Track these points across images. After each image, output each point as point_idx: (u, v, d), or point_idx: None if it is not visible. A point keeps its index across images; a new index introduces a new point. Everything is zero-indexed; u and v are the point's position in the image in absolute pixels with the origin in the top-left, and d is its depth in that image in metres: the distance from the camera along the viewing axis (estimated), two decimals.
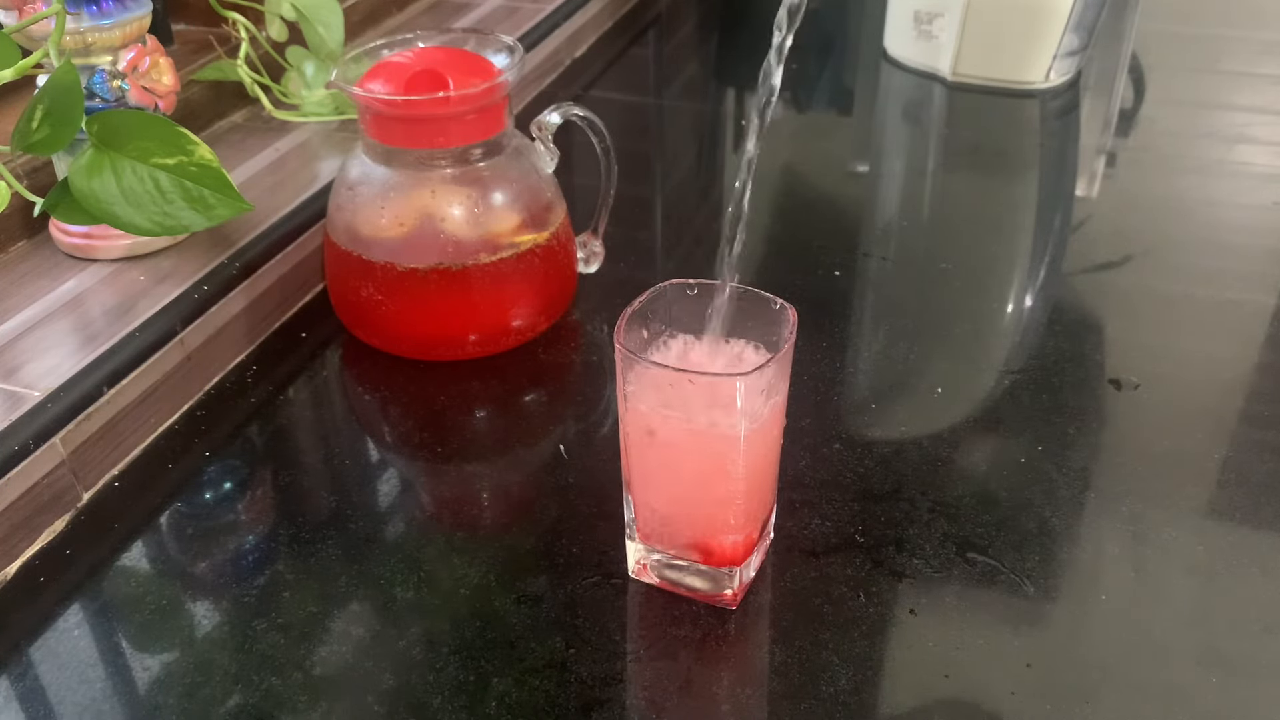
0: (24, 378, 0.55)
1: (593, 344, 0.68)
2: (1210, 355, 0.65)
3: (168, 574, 0.52)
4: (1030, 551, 0.51)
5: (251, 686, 0.46)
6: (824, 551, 0.52)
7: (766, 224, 0.83)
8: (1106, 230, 0.79)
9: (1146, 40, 1.11)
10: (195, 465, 0.58)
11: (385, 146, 0.61)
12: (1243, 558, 0.51)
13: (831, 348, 0.66)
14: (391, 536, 0.54)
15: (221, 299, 0.63)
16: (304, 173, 0.74)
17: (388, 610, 0.49)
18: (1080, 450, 0.57)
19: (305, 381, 0.65)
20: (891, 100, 1.02)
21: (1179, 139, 0.92)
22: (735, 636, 0.48)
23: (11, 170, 0.62)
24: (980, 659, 0.46)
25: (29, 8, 0.58)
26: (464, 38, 0.65)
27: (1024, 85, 0.98)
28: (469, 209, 0.62)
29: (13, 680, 0.46)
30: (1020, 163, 0.91)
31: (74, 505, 0.55)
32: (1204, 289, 0.72)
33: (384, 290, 0.62)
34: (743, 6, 1.23)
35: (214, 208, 0.58)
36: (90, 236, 0.64)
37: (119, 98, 0.62)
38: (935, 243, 0.78)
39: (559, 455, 0.59)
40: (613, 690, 0.45)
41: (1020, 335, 0.68)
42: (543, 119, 0.64)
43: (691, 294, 0.48)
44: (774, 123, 1.01)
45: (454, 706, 0.45)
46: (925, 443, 0.58)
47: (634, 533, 0.50)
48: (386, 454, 0.60)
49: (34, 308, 0.61)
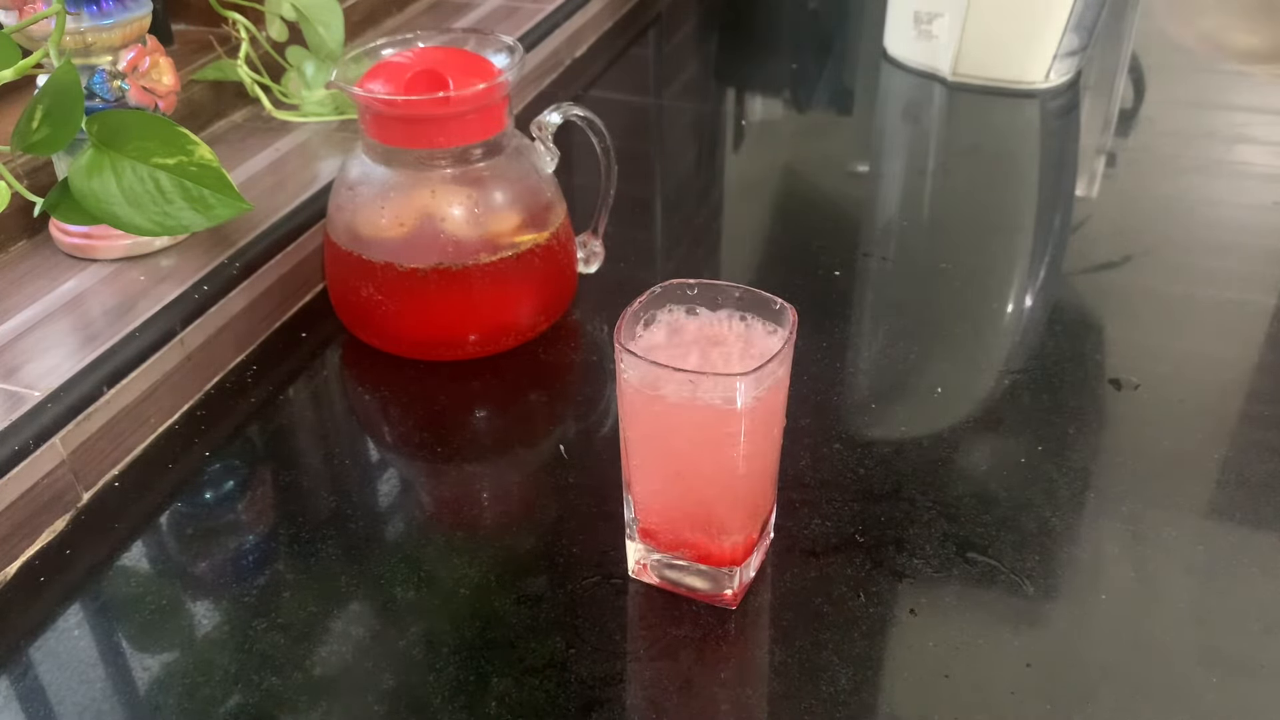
0: (24, 378, 0.55)
1: (593, 344, 0.68)
2: (1210, 355, 0.65)
3: (168, 574, 0.52)
4: (1030, 551, 0.51)
5: (251, 686, 0.46)
6: (824, 551, 0.52)
7: (766, 224, 0.83)
8: (1106, 230, 0.79)
9: (1146, 40, 1.11)
10: (195, 465, 0.58)
11: (385, 146, 0.61)
12: (1243, 558, 0.51)
13: (831, 348, 0.66)
14: (391, 536, 0.54)
15: (221, 299, 0.63)
16: (304, 173, 0.74)
17: (388, 610, 0.49)
18: (1080, 450, 0.57)
19: (305, 381, 0.65)
20: (891, 100, 1.02)
21: (1179, 139, 0.92)
22: (735, 636, 0.48)
23: (11, 170, 0.62)
24: (980, 659, 0.46)
25: (29, 8, 0.58)
26: (464, 38, 0.65)
27: (1024, 85, 0.98)
28: (469, 209, 0.62)
29: (13, 680, 0.46)
30: (1020, 163, 0.91)
31: (74, 505, 0.55)
32: (1204, 289, 0.72)
33: (384, 290, 0.62)
34: (743, 6, 1.23)
35: (214, 208, 0.58)
36: (90, 236, 0.64)
37: (119, 98, 0.62)
38: (935, 243, 0.78)
39: (559, 455, 0.59)
40: (613, 690, 0.45)
41: (1020, 335, 0.68)
42: (543, 119, 0.64)
43: (691, 294, 0.48)
44: (774, 123, 1.01)
45: (454, 706, 0.45)
46: (925, 443, 0.58)
47: (634, 533, 0.50)
48: (386, 454, 0.60)
49: (34, 308, 0.61)
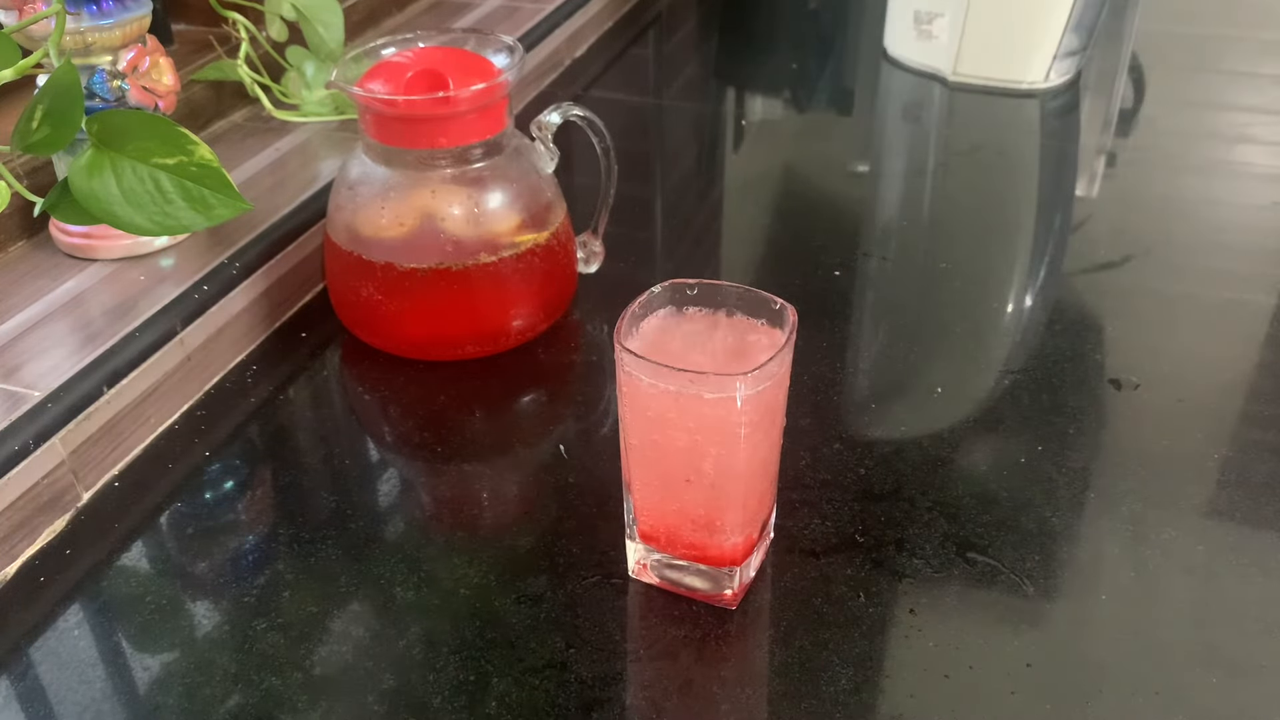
0: (24, 378, 0.55)
1: (593, 344, 0.68)
2: (1210, 355, 0.65)
3: (168, 574, 0.52)
4: (1030, 551, 0.51)
5: (251, 686, 0.46)
6: (824, 551, 0.52)
7: (766, 224, 0.83)
8: (1106, 230, 0.79)
9: (1146, 40, 1.11)
10: (195, 465, 0.58)
11: (385, 146, 0.61)
12: (1243, 558, 0.51)
13: (831, 348, 0.66)
14: (391, 536, 0.54)
15: (221, 299, 0.63)
16: (304, 173, 0.74)
17: (388, 610, 0.49)
18: (1080, 450, 0.57)
19: (305, 381, 0.65)
20: (891, 100, 1.02)
21: (1179, 139, 0.92)
22: (735, 636, 0.48)
23: (11, 170, 0.62)
24: (980, 659, 0.46)
25: (29, 8, 0.58)
26: (464, 38, 0.65)
27: (1024, 85, 0.98)
28: (469, 209, 0.62)
29: (13, 680, 0.46)
30: (1020, 163, 0.91)
31: (74, 505, 0.55)
32: (1204, 289, 0.72)
33: (384, 290, 0.62)
34: (743, 6, 1.23)
35: (214, 208, 0.58)
36: (90, 236, 0.64)
37: (119, 98, 0.62)
38: (935, 243, 0.78)
39: (559, 455, 0.59)
40: (613, 690, 0.45)
41: (1020, 335, 0.68)
42: (543, 119, 0.64)
43: (691, 294, 0.48)
44: (774, 123, 1.01)
45: (454, 706, 0.45)
46: (925, 443, 0.58)
47: (634, 533, 0.50)
48: (386, 454, 0.60)
49: (34, 308, 0.61)
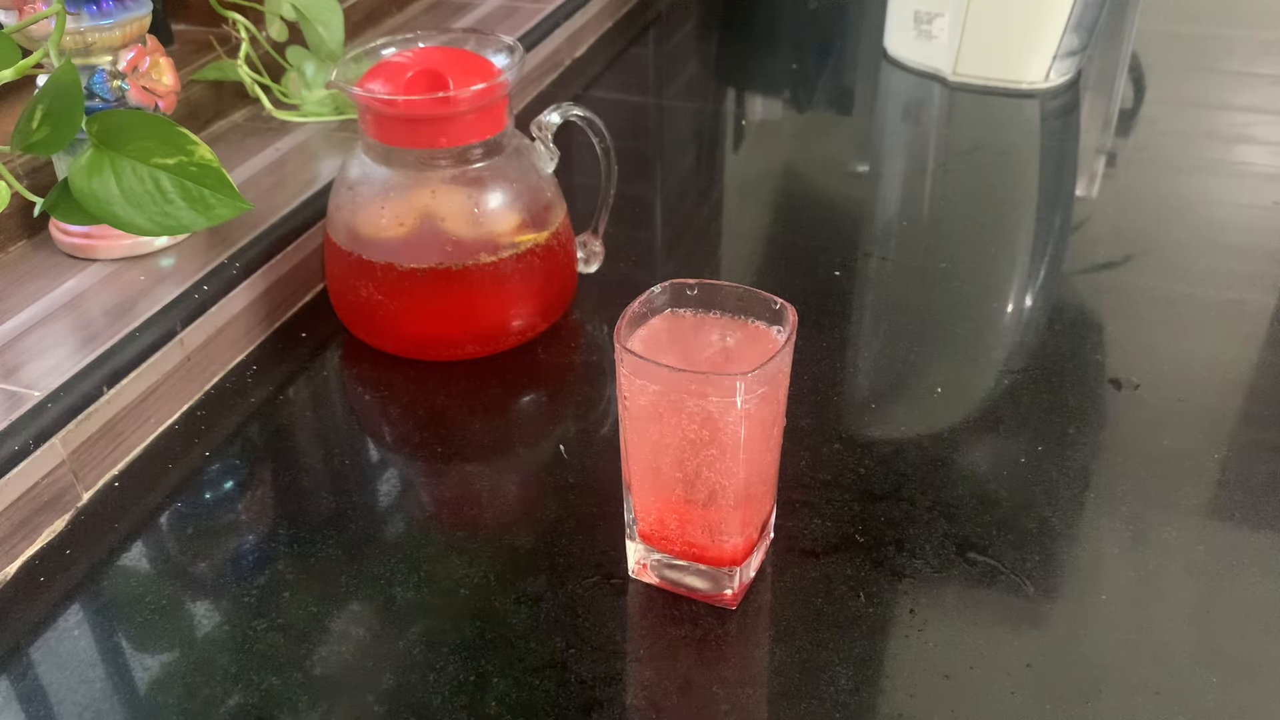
0: (24, 378, 0.55)
1: (593, 344, 0.68)
2: (1210, 355, 0.65)
3: (168, 574, 0.52)
4: (1030, 551, 0.51)
5: (251, 686, 0.46)
6: (824, 551, 0.52)
7: (766, 224, 0.83)
8: (1106, 230, 0.79)
9: (1146, 40, 1.11)
10: (195, 465, 0.58)
11: (385, 146, 0.61)
12: (1243, 558, 0.51)
13: (831, 348, 0.66)
14: (391, 536, 0.54)
15: (221, 299, 0.63)
16: (304, 173, 0.74)
17: (388, 610, 0.49)
18: (1080, 450, 0.57)
19: (305, 381, 0.65)
20: (891, 100, 1.02)
21: (1179, 139, 0.92)
22: (735, 636, 0.48)
23: (11, 170, 0.62)
24: (980, 659, 0.46)
25: (29, 8, 0.58)
26: (464, 38, 0.65)
27: (1024, 85, 0.98)
28: (469, 209, 0.62)
29: (13, 680, 0.46)
30: (1020, 163, 0.91)
31: (74, 505, 0.55)
32: (1204, 289, 0.72)
33: (384, 290, 0.62)
34: (743, 6, 1.23)
35: (214, 208, 0.58)
36: (90, 236, 0.64)
37: (119, 98, 0.62)
38: (935, 243, 0.78)
39: (559, 455, 0.59)
40: (613, 690, 0.45)
41: (1020, 335, 0.68)
42: (543, 119, 0.64)
43: (691, 294, 0.48)
44: (774, 123, 1.01)
45: (454, 706, 0.45)
46: (925, 443, 0.58)
47: (634, 533, 0.50)
48: (386, 454, 0.60)
49: (34, 308, 0.61)
